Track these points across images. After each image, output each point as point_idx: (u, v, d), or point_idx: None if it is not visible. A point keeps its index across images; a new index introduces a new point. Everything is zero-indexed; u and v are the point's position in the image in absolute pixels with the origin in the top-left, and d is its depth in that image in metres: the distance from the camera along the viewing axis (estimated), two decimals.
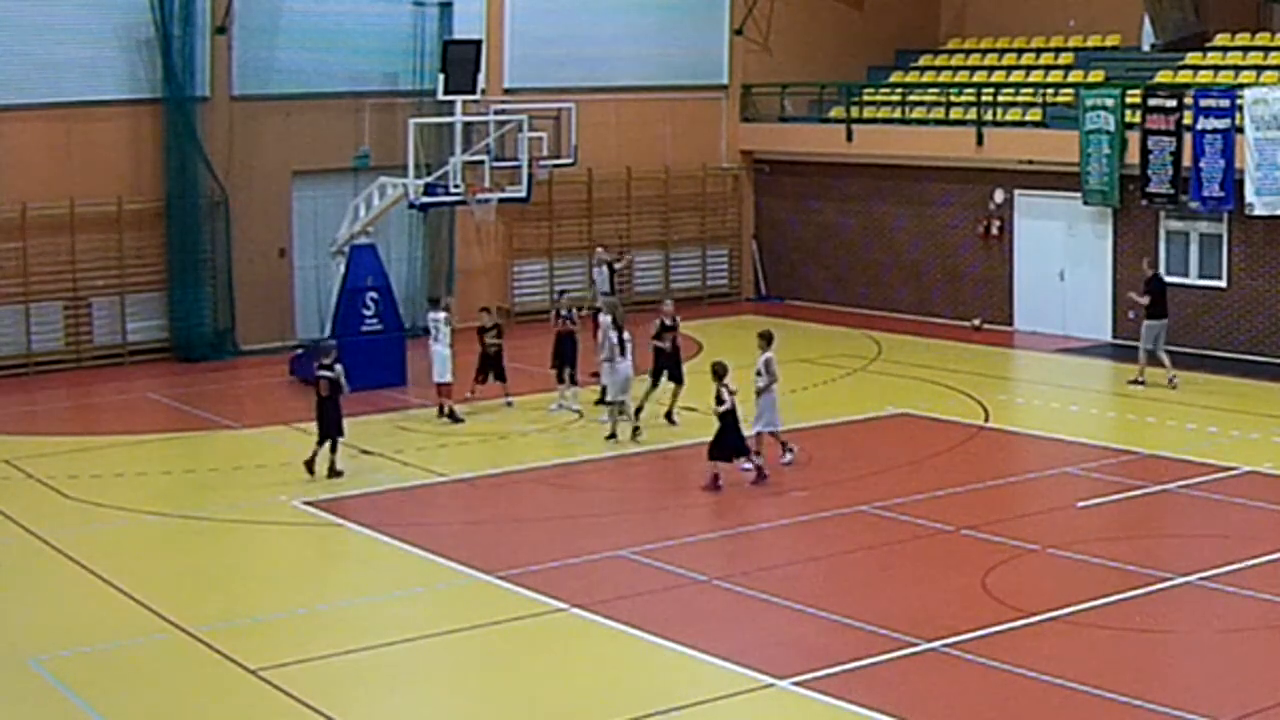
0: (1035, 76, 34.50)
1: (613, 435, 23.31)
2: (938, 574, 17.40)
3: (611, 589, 16.80)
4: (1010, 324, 32.61)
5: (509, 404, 25.68)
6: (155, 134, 30.48)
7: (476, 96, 28.83)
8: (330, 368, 21.87)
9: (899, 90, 35.87)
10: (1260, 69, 30.42)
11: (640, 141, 36.08)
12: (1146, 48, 33.74)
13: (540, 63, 34.39)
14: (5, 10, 29.00)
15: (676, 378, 24.38)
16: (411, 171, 27.15)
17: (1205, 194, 28.70)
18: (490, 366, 25.61)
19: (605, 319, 23.94)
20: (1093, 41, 35.16)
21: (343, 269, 28.09)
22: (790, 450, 21.71)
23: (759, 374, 21.32)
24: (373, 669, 14.80)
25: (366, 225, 28.10)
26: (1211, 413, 24.84)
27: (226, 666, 14.78)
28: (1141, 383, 26.70)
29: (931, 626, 15.34)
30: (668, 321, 24.53)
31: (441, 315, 25.23)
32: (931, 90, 35.46)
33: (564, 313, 26.04)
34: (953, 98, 34.39)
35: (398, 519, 19.83)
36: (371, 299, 27.60)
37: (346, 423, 23.60)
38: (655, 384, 24.38)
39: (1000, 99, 33.42)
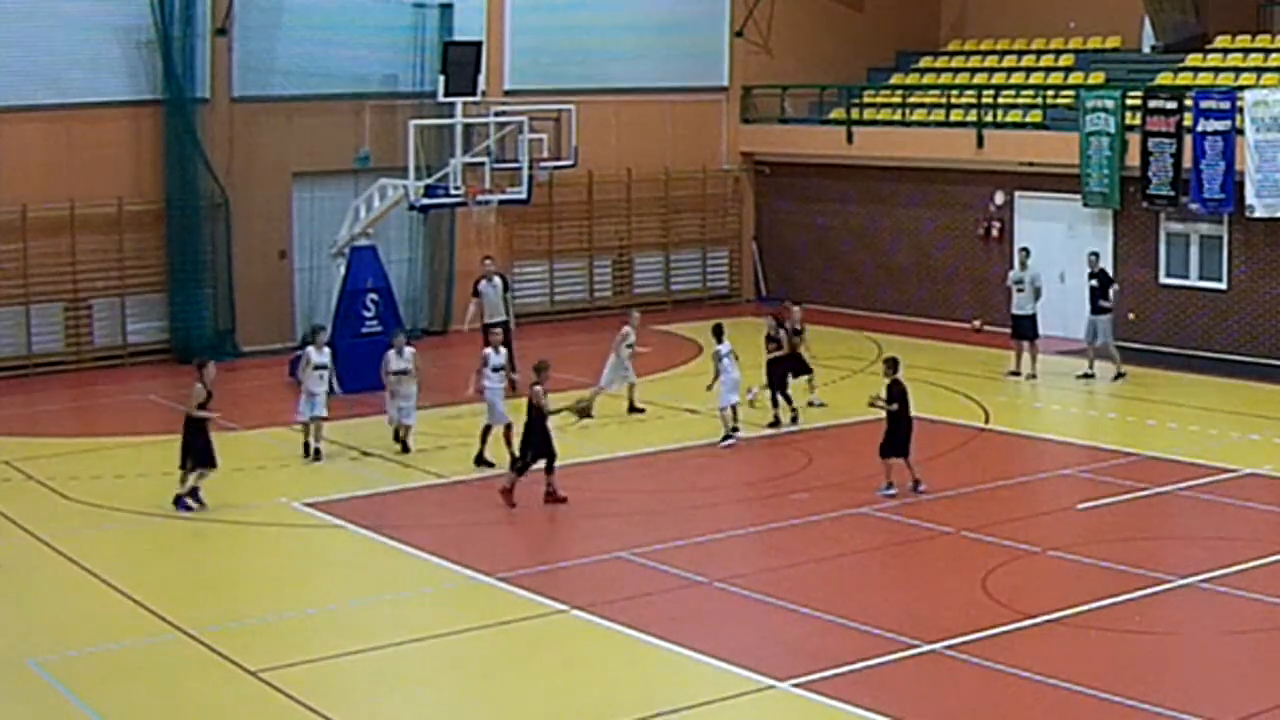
0: (1035, 78, 34.48)
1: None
2: (938, 576, 17.42)
3: (612, 590, 16.80)
4: (1010, 325, 32.53)
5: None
6: (155, 135, 30.46)
7: (477, 98, 28.82)
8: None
9: (899, 92, 35.87)
10: (1260, 71, 30.41)
11: (641, 143, 36.04)
12: (1147, 50, 33.75)
13: (540, 64, 34.35)
14: (6, 12, 28.99)
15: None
16: (412, 173, 27.12)
17: (1205, 196, 28.70)
18: None
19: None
20: (1093, 43, 35.14)
21: (343, 270, 28.09)
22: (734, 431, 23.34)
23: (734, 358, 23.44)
24: (373, 669, 14.80)
25: (367, 227, 28.08)
26: (1212, 414, 24.83)
27: (226, 667, 14.78)
28: (1092, 375, 27.67)
29: (932, 628, 15.34)
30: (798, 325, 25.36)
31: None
32: (932, 92, 35.45)
33: (773, 335, 25.33)
34: (953, 99, 34.37)
35: (398, 520, 19.82)
36: (372, 300, 27.58)
37: (347, 424, 23.66)
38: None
39: (1000, 101, 33.40)
